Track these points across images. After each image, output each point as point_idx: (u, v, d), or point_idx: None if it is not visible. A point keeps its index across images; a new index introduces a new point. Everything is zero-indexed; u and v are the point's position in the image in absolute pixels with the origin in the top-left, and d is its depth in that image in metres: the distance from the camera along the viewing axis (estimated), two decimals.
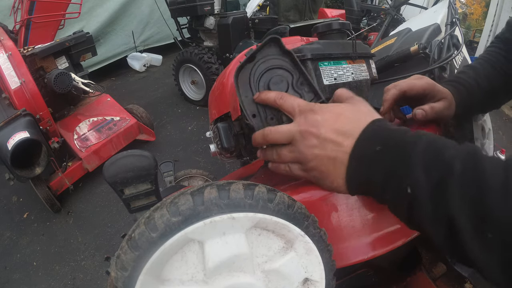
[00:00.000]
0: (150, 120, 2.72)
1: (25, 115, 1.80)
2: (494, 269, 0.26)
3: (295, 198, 0.37)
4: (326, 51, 0.49)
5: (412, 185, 0.30)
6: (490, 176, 0.26)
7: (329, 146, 0.36)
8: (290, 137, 0.39)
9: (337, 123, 0.37)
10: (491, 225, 0.26)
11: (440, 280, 0.52)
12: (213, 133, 0.55)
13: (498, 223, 0.25)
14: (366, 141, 0.35)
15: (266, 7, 4.30)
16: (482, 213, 0.26)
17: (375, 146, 0.33)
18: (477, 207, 0.26)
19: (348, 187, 0.36)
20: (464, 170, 0.28)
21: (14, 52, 1.97)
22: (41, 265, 1.81)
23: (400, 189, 0.31)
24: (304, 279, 0.37)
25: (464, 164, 0.28)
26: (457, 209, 0.27)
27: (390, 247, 0.43)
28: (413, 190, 0.30)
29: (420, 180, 0.29)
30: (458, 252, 0.28)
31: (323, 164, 0.37)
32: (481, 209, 0.26)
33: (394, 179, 0.31)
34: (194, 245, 0.32)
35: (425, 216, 0.29)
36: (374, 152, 0.33)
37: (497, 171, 0.27)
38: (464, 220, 0.27)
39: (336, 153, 0.36)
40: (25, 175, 1.77)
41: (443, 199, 0.28)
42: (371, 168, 0.34)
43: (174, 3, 3.01)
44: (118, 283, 0.30)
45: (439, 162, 0.29)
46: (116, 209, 2.13)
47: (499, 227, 0.25)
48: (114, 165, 0.39)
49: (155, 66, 4.48)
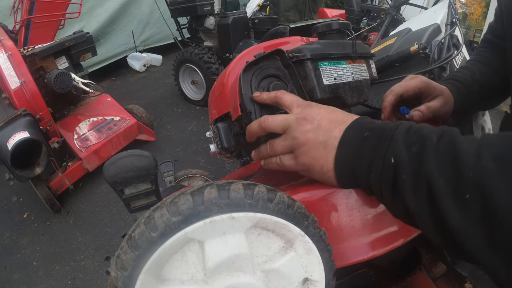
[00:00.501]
0: (150, 120, 2.72)
1: (25, 115, 1.80)
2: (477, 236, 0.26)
3: (295, 198, 0.37)
4: (326, 51, 0.49)
5: (395, 156, 0.32)
6: (463, 143, 0.29)
7: (321, 132, 0.39)
8: (286, 125, 0.41)
9: (331, 114, 0.40)
10: (467, 186, 0.27)
11: (440, 280, 0.52)
12: (213, 133, 0.55)
13: (473, 184, 0.26)
14: (354, 129, 0.37)
15: (266, 7, 4.30)
16: (457, 175, 0.27)
17: (363, 132, 0.36)
18: (452, 171, 0.28)
19: (336, 174, 0.38)
20: (439, 139, 0.30)
21: (14, 52, 1.97)
22: (41, 265, 1.81)
23: (384, 163, 0.33)
24: (304, 279, 0.37)
25: (439, 136, 0.31)
26: (434, 172, 0.29)
27: (390, 247, 0.43)
28: (396, 161, 0.32)
29: (402, 152, 0.32)
30: (440, 223, 0.29)
31: (315, 147, 0.39)
32: (456, 172, 0.27)
33: (378, 156, 0.34)
34: (194, 244, 0.32)
35: (407, 185, 0.31)
36: (362, 137, 0.36)
37: (470, 142, 0.28)
38: (441, 183, 0.28)
39: (327, 138, 0.38)
40: (25, 175, 1.77)
41: (421, 165, 0.30)
42: (358, 152, 0.35)
43: (174, 3, 3.01)
44: (118, 283, 0.31)
45: (418, 136, 0.32)
46: (116, 209, 2.13)
47: (474, 187, 0.26)
48: (114, 165, 0.39)
49: (155, 66, 4.48)
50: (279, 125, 0.41)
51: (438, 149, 0.29)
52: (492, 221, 0.25)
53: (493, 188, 0.25)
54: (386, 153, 0.33)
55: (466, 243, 0.27)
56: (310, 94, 0.49)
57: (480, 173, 0.26)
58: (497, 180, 0.25)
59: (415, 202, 0.31)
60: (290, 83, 0.48)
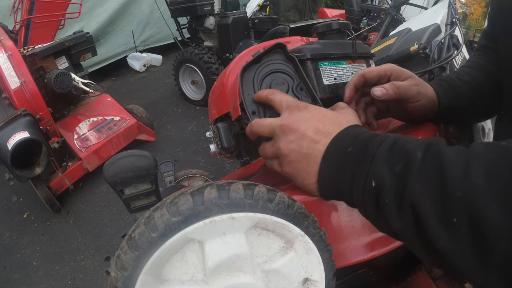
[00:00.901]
0: (150, 120, 2.72)
1: (25, 115, 1.80)
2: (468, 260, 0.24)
3: (295, 198, 0.37)
4: (326, 51, 0.49)
5: (375, 178, 0.30)
6: (450, 158, 0.26)
7: (305, 143, 0.37)
8: (271, 130, 0.41)
9: (319, 123, 0.38)
10: (454, 208, 0.25)
11: (440, 280, 0.51)
12: (213, 133, 0.55)
13: (460, 204, 0.24)
14: (339, 142, 0.35)
15: (266, 7, 4.30)
16: (444, 196, 0.25)
17: (347, 148, 0.34)
18: (438, 191, 0.26)
19: (319, 188, 0.37)
20: (424, 156, 0.28)
21: (14, 52, 1.97)
22: (41, 265, 1.81)
23: (365, 185, 0.31)
24: (304, 279, 0.37)
25: (424, 152, 0.28)
26: (419, 194, 0.26)
27: (390, 247, 0.43)
28: (377, 183, 0.30)
29: (383, 172, 0.29)
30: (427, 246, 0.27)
31: (297, 160, 0.38)
32: (442, 192, 0.25)
33: (359, 176, 0.32)
34: (194, 245, 0.32)
35: (390, 208, 0.29)
36: (345, 153, 0.34)
37: (458, 155, 0.26)
38: (427, 205, 0.26)
39: (311, 151, 0.37)
40: (25, 175, 1.77)
41: (405, 187, 0.28)
42: (341, 168, 0.34)
43: (174, 3, 3.01)
44: (118, 283, 0.30)
45: (401, 154, 0.29)
46: (116, 209, 2.13)
47: (462, 209, 0.24)
48: (114, 165, 0.39)
49: (155, 66, 4.48)
50: (265, 130, 0.41)
51: (423, 167, 0.27)
52: (484, 245, 0.23)
53: (483, 208, 0.23)
54: (368, 172, 0.31)
55: (457, 266, 0.25)
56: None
57: (468, 192, 0.24)
58: (487, 199, 0.23)
59: (400, 224, 0.29)
60: (295, 77, 0.47)
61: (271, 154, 0.42)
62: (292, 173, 0.39)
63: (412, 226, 0.28)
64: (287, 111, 0.41)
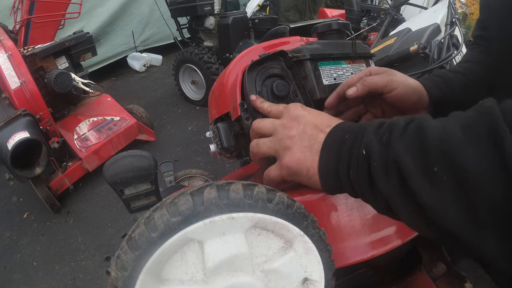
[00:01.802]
0: (150, 120, 2.72)
1: (25, 115, 1.80)
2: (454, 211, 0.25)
3: (295, 198, 0.37)
4: (326, 51, 0.49)
5: (365, 147, 0.32)
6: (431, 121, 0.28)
7: (306, 137, 0.39)
8: (273, 128, 0.42)
9: (317, 117, 0.40)
10: (434, 158, 0.26)
11: (440, 280, 0.52)
12: (213, 133, 0.55)
13: (439, 154, 0.25)
14: (337, 132, 0.37)
15: (266, 7, 4.30)
16: (423, 149, 0.27)
17: (344, 135, 0.36)
18: (418, 146, 0.27)
19: (320, 178, 0.37)
20: (406, 123, 0.30)
21: (14, 52, 1.97)
22: (41, 265, 1.81)
23: (358, 157, 0.33)
24: (303, 278, 0.37)
25: (408, 121, 0.30)
26: (400, 152, 0.28)
27: (389, 246, 0.43)
28: (366, 151, 0.32)
29: (372, 142, 0.32)
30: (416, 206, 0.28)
31: (300, 151, 0.39)
32: (421, 146, 0.27)
33: (354, 152, 0.34)
34: (194, 245, 0.32)
35: (379, 172, 0.30)
36: (343, 139, 0.36)
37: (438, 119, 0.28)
38: (408, 161, 0.27)
39: (313, 142, 0.38)
40: (25, 175, 1.77)
41: (389, 148, 0.30)
42: (338, 153, 0.35)
43: (174, 3, 3.01)
44: (118, 283, 0.31)
45: (388, 125, 0.32)
46: (116, 209, 2.13)
47: (441, 158, 0.25)
48: (114, 165, 0.39)
49: (155, 66, 4.47)
50: (266, 126, 0.43)
51: (404, 131, 0.29)
52: (468, 192, 0.23)
53: (461, 155, 0.24)
54: (360, 147, 0.33)
55: (445, 222, 0.26)
56: (310, 94, 0.49)
57: (445, 141, 0.25)
58: (463, 146, 0.24)
59: (389, 188, 0.30)
60: (293, 83, 0.49)
61: (268, 149, 0.42)
62: (295, 166, 0.39)
63: (398, 185, 0.29)
64: (286, 110, 0.43)
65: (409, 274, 0.55)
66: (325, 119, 0.40)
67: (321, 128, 0.39)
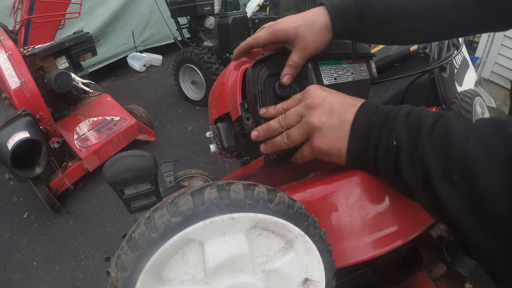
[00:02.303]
0: (150, 120, 2.72)
1: (25, 115, 1.80)
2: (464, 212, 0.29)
3: (295, 198, 0.37)
4: (326, 51, 0.49)
5: (396, 138, 0.35)
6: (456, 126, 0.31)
7: (335, 115, 0.40)
8: (296, 114, 0.42)
9: (339, 96, 0.41)
10: (456, 167, 0.29)
11: (440, 280, 0.51)
12: (213, 133, 0.55)
13: (460, 165, 0.29)
14: (365, 112, 0.39)
15: (266, 7, 4.30)
16: (447, 156, 0.30)
17: (372, 116, 0.38)
18: (443, 151, 0.30)
19: (348, 155, 0.40)
20: (434, 122, 0.33)
21: (14, 52, 1.98)
22: (41, 265, 1.81)
23: (388, 145, 0.36)
24: (304, 279, 0.37)
25: (434, 119, 0.33)
26: (427, 153, 0.31)
27: (390, 247, 0.42)
28: (397, 142, 0.35)
29: (402, 134, 0.35)
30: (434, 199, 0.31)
31: (331, 131, 0.40)
32: (446, 152, 0.30)
33: (383, 138, 0.36)
34: (194, 245, 0.32)
35: (405, 164, 0.34)
36: (371, 121, 0.38)
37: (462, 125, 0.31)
38: (433, 163, 0.31)
39: (343, 120, 0.39)
40: (25, 175, 1.77)
41: (417, 147, 0.33)
42: (367, 135, 0.38)
43: (174, 3, 3.01)
44: (118, 283, 0.30)
45: (416, 119, 0.35)
46: (116, 209, 2.13)
47: (462, 169, 0.29)
48: (114, 165, 0.39)
49: (155, 66, 4.47)
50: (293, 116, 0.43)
51: (432, 131, 0.32)
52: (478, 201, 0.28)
53: (478, 172, 0.27)
54: (390, 135, 0.36)
55: (456, 218, 0.30)
56: None
57: (466, 156, 0.28)
58: (481, 165, 0.27)
59: (412, 178, 0.34)
60: (294, 83, 0.49)
61: (300, 136, 0.42)
62: (326, 147, 0.40)
63: (421, 182, 0.33)
64: (305, 95, 0.43)
65: (409, 274, 0.55)
66: (348, 97, 0.41)
67: (348, 105, 0.40)
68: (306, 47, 0.46)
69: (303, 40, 0.46)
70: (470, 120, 0.65)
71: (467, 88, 0.74)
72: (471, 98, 0.65)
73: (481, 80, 3.44)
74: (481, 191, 0.27)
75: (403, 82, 0.79)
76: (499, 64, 3.22)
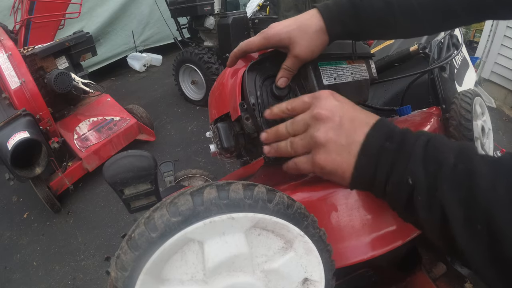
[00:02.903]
0: (150, 120, 2.72)
1: (25, 115, 1.80)
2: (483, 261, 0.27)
3: (295, 198, 0.37)
4: (326, 51, 0.49)
5: (411, 175, 0.32)
6: (479, 170, 0.28)
7: (343, 133, 0.36)
8: (305, 124, 0.39)
9: (352, 110, 0.38)
10: (479, 214, 0.27)
11: (440, 280, 0.51)
12: (213, 133, 0.55)
13: (485, 214, 0.26)
14: (375, 135, 0.35)
15: (266, 7, 4.30)
16: (470, 203, 0.28)
17: (384, 142, 0.34)
18: (467, 197, 0.28)
19: (352, 179, 0.36)
20: (456, 162, 0.30)
21: (14, 52, 1.97)
22: (41, 265, 1.81)
23: (401, 181, 0.33)
24: (303, 279, 0.37)
25: (456, 158, 0.30)
26: (448, 197, 0.29)
27: (389, 247, 0.43)
28: (413, 181, 0.32)
29: (419, 171, 0.31)
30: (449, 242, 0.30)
31: (337, 151, 0.36)
32: (470, 199, 0.28)
33: (396, 172, 0.33)
34: (193, 245, 0.32)
35: (421, 204, 0.31)
36: (383, 147, 0.34)
37: (487, 166, 0.28)
38: (454, 209, 0.28)
39: (351, 141, 0.35)
40: (25, 175, 1.77)
41: (437, 188, 0.30)
42: (378, 162, 0.34)
43: (174, 3, 3.01)
44: (118, 283, 0.31)
45: (436, 155, 0.31)
46: (116, 209, 2.13)
47: (487, 218, 0.26)
48: (114, 165, 0.39)
49: (155, 66, 4.47)
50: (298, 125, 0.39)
51: (454, 172, 0.29)
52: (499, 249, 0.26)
53: (501, 216, 0.26)
54: (405, 169, 0.32)
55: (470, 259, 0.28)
56: None
57: (491, 201, 0.26)
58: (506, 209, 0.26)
59: (427, 219, 0.31)
60: (292, 83, 0.49)
61: (303, 148, 0.39)
62: (329, 166, 0.36)
63: (438, 223, 0.30)
64: (314, 102, 0.39)
65: (409, 274, 0.55)
66: (362, 112, 0.38)
67: (359, 124, 0.36)
68: (300, 52, 0.44)
69: (297, 45, 0.44)
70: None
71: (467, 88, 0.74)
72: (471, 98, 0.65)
73: (481, 80, 3.45)
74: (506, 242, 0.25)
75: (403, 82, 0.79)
76: (499, 64, 3.22)
